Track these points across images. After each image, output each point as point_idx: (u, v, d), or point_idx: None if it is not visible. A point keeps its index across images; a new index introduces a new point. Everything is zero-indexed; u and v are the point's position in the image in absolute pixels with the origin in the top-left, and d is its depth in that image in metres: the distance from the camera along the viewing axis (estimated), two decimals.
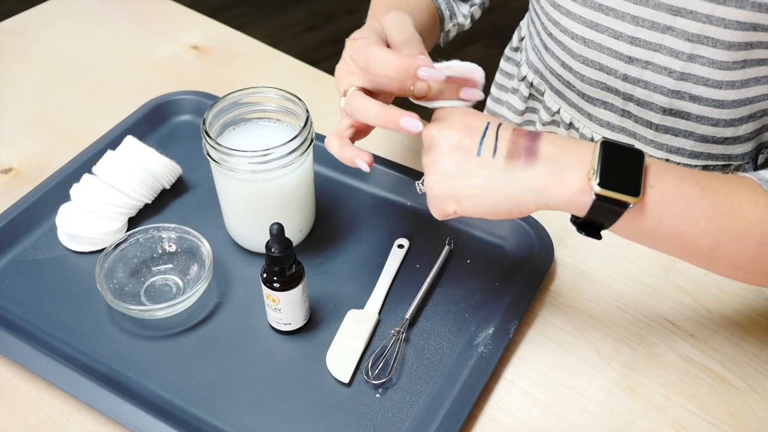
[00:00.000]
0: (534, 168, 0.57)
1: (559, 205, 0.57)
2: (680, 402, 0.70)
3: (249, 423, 0.68)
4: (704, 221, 0.57)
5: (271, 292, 0.70)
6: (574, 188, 0.56)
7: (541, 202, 0.58)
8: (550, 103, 0.91)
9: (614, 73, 0.80)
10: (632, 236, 0.60)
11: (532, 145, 0.58)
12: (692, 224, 0.57)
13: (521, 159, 0.58)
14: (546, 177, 0.57)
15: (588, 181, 0.56)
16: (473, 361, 0.70)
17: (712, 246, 0.58)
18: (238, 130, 0.79)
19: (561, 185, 0.56)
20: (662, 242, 0.59)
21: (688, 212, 0.57)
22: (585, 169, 0.56)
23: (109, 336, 0.74)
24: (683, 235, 0.58)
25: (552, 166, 0.57)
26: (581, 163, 0.56)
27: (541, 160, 0.57)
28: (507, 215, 0.59)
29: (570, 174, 0.56)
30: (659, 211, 0.56)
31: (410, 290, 0.77)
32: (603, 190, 0.55)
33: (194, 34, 1.14)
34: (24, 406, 0.69)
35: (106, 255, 0.76)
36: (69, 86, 1.05)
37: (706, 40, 0.73)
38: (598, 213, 0.57)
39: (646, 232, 0.58)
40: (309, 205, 0.81)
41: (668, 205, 0.56)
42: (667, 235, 0.58)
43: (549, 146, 0.58)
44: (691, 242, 0.58)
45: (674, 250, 0.60)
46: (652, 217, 0.57)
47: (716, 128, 0.80)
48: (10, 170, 0.92)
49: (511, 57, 1.01)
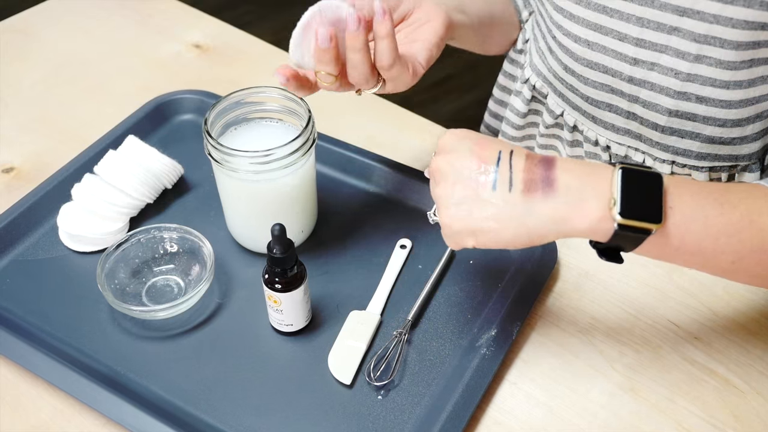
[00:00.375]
0: (553, 200, 0.56)
1: (580, 234, 0.57)
2: (684, 405, 0.70)
3: (250, 424, 0.67)
4: (725, 237, 0.57)
5: (272, 293, 0.70)
6: (595, 217, 0.56)
7: (562, 233, 0.57)
8: (553, 106, 0.91)
9: (619, 75, 0.79)
10: (654, 257, 0.59)
11: (548, 174, 0.57)
12: (713, 241, 0.57)
13: (539, 192, 0.57)
14: (566, 209, 0.56)
15: (609, 210, 0.55)
16: (476, 363, 0.70)
17: (734, 260, 0.58)
18: (240, 130, 0.78)
19: (581, 216, 0.56)
20: (684, 260, 0.59)
21: (708, 230, 0.56)
22: (604, 198, 0.56)
23: (110, 336, 0.74)
24: (705, 253, 0.57)
25: (571, 198, 0.56)
26: (600, 192, 0.56)
27: (559, 191, 0.56)
28: (527, 245, 0.59)
29: (589, 204, 0.56)
30: (681, 232, 0.56)
31: (412, 291, 0.77)
32: (624, 220, 0.55)
33: (196, 33, 1.14)
34: (24, 407, 0.69)
35: (107, 255, 0.76)
36: (70, 85, 1.04)
37: (713, 41, 0.73)
38: (620, 240, 0.56)
39: (669, 252, 0.58)
40: (311, 206, 0.80)
41: (689, 226, 0.56)
42: (689, 254, 0.58)
43: (566, 176, 0.57)
44: (712, 258, 0.58)
45: (696, 266, 0.60)
46: (674, 239, 0.56)
47: (723, 129, 0.79)
48: (11, 170, 0.92)
49: (515, 59, 1.00)
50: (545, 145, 0.96)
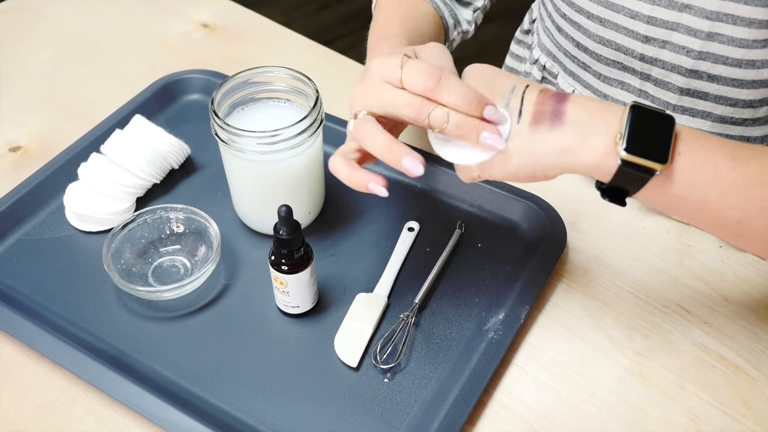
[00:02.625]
0: (559, 131, 0.55)
1: (583, 169, 0.56)
2: (694, 390, 0.69)
3: (256, 406, 0.67)
4: (734, 192, 0.55)
5: (279, 275, 0.69)
6: (599, 152, 0.54)
7: (565, 166, 0.56)
8: (564, 86, 0.90)
9: (631, 52, 0.78)
10: (658, 205, 0.58)
11: (559, 107, 0.56)
12: (721, 195, 0.55)
13: (546, 123, 0.56)
14: (571, 140, 0.55)
15: (614, 146, 0.54)
16: (483, 347, 0.69)
17: (740, 219, 0.56)
18: (247, 110, 0.78)
19: (585, 149, 0.55)
20: (689, 214, 0.57)
21: (717, 182, 0.55)
22: (612, 133, 0.54)
23: (116, 317, 0.74)
24: (711, 207, 0.56)
25: (578, 130, 0.55)
26: (608, 127, 0.55)
27: (566, 124, 0.55)
28: (530, 179, 0.58)
29: (596, 138, 0.55)
30: (687, 179, 0.55)
31: (420, 274, 0.76)
32: (629, 156, 0.53)
33: (205, 12, 1.13)
34: (30, 386, 0.69)
35: (113, 235, 0.76)
36: (78, 64, 1.04)
37: (725, 18, 0.71)
38: (624, 179, 0.55)
39: (673, 201, 0.56)
40: (318, 187, 0.80)
41: (697, 174, 0.54)
42: (695, 206, 0.56)
43: (576, 109, 0.56)
44: (718, 214, 0.56)
45: (701, 223, 0.59)
46: (679, 186, 0.55)
47: (735, 109, 0.78)
48: (18, 149, 0.91)
49: (522, 40, 0.99)
50: None
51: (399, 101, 0.57)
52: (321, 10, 2.69)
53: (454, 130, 0.57)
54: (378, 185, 0.59)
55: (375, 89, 0.58)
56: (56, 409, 0.68)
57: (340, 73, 1.02)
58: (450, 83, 0.56)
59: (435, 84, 0.56)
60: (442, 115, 0.56)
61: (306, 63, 1.01)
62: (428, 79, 0.56)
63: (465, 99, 0.56)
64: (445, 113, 0.56)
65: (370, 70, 0.59)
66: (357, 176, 0.60)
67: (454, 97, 0.56)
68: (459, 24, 0.85)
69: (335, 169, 0.61)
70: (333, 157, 0.62)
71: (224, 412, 0.67)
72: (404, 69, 0.57)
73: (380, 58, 0.59)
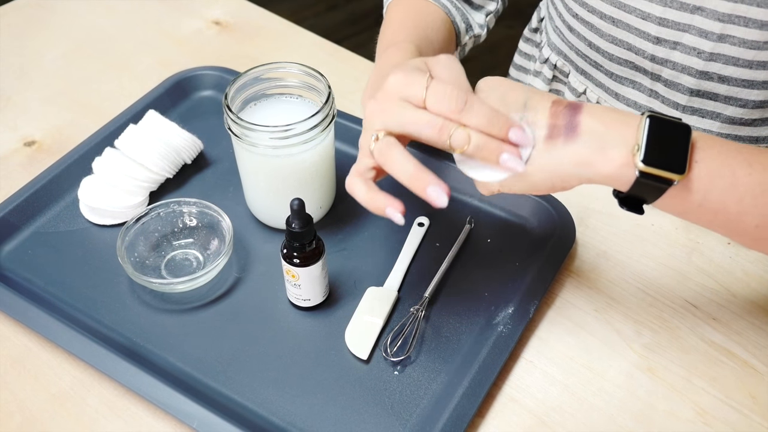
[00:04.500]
0: (575, 144, 0.56)
1: (601, 179, 0.56)
2: (701, 385, 0.69)
3: (267, 397, 0.68)
4: (751, 198, 0.55)
5: (290, 268, 0.70)
6: (617, 163, 0.55)
7: (584, 177, 0.57)
8: (575, 84, 0.90)
9: (642, 53, 0.79)
10: (676, 212, 0.58)
11: (573, 119, 0.56)
12: (738, 201, 0.55)
13: (561, 137, 0.56)
14: (588, 153, 0.55)
15: (631, 157, 0.54)
16: (492, 341, 0.70)
17: (758, 224, 0.56)
18: (260, 106, 0.78)
19: (603, 161, 0.55)
20: (707, 219, 0.58)
21: (734, 189, 0.55)
22: (629, 145, 0.55)
23: (129, 308, 0.74)
24: (729, 213, 0.56)
25: (594, 142, 0.55)
26: (625, 138, 0.55)
27: (582, 136, 0.56)
28: (550, 190, 0.58)
29: (612, 150, 0.55)
30: (705, 187, 0.55)
31: (430, 268, 0.77)
32: (646, 167, 0.54)
33: (217, 10, 1.13)
34: (45, 376, 0.70)
35: (127, 228, 0.77)
36: (92, 60, 1.05)
37: (737, 20, 0.72)
38: (641, 189, 0.55)
39: (691, 208, 0.57)
40: (330, 182, 0.81)
41: (714, 182, 0.55)
42: (713, 213, 0.57)
43: (591, 121, 0.56)
44: (736, 220, 0.57)
45: (719, 228, 0.59)
46: (697, 194, 0.55)
47: (744, 110, 0.78)
48: (33, 143, 0.92)
49: (531, 38, 0.99)
50: None
51: (421, 122, 0.56)
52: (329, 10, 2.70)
53: (475, 152, 0.56)
54: (396, 212, 0.58)
55: (395, 108, 0.57)
56: (70, 399, 0.69)
57: (350, 70, 1.02)
58: (476, 106, 0.56)
59: (461, 107, 0.56)
60: (464, 137, 0.56)
61: (317, 60, 1.02)
62: (455, 103, 0.56)
63: (490, 121, 0.56)
64: (467, 135, 0.56)
65: (388, 88, 0.58)
66: (376, 200, 0.58)
67: (478, 120, 0.56)
68: (471, 28, 0.85)
69: (353, 191, 0.60)
70: (350, 177, 0.60)
71: (236, 402, 0.67)
72: (429, 91, 0.56)
73: (399, 75, 0.58)
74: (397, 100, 0.57)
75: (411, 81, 0.57)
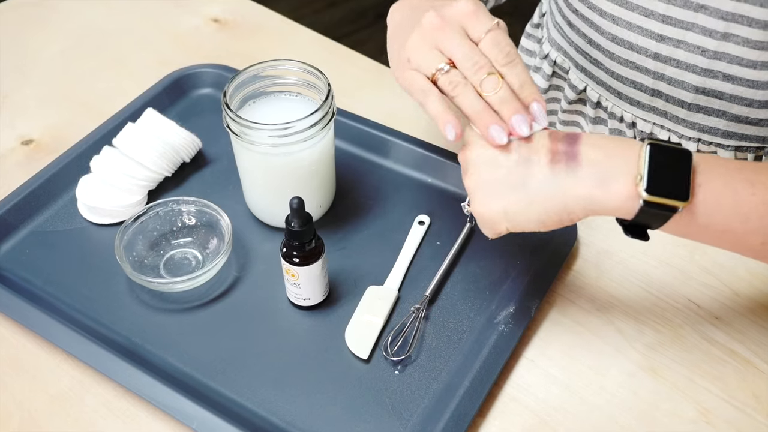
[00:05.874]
0: (577, 173, 0.56)
1: (606, 212, 0.57)
2: (704, 384, 0.69)
3: (267, 397, 0.67)
4: (756, 218, 0.56)
5: (290, 267, 0.69)
6: (622, 195, 0.55)
7: (589, 210, 0.57)
8: (575, 81, 0.90)
9: (644, 51, 0.78)
10: (681, 235, 0.59)
11: (571, 149, 0.57)
12: (743, 221, 0.56)
13: (562, 163, 0.56)
14: (592, 186, 0.56)
15: (634, 187, 0.55)
16: (493, 340, 0.69)
17: (764, 242, 0.57)
18: (259, 104, 0.78)
19: (607, 194, 0.55)
20: (712, 239, 0.58)
21: (738, 209, 0.55)
22: (631, 175, 0.55)
23: (128, 308, 0.74)
24: (734, 233, 0.56)
25: (597, 174, 0.56)
26: (627, 168, 0.55)
27: (583, 166, 0.56)
28: (557, 224, 0.58)
29: (616, 182, 0.55)
30: (709, 210, 0.55)
31: (430, 267, 0.76)
32: (650, 197, 0.54)
33: (215, 7, 1.13)
34: (43, 376, 0.70)
35: (125, 227, 0.76)
36: (89, 58, 1.04)
37: (740, 19, 0.71)
38: (646, 217, 0.56)
39: (696, 230, 0.57)
40: (329, 180, 0.80)
41: (719, 204, 0.55)
42: (718, 234, 0.57)
43: (590, 151, 0.57)
44: (742, 239, 0.57)
45: (726, 246, 0.59)
46: (702, 217, 0.55)
47: (750, 109, 0.78)
48: (30, 142, 0.92)
49: (532, 34, 0.99)
50: (567, 121, 0.95)
51: (466, 53, 0.59)
52: (329, 7, 2.69)
53: (496, 102, 0.58)
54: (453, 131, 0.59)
55: (454, 33, 0.60)
56: (69, 399, 0.68)
57: (350, 68, 1.02)
58: (519, 66, 0.59)
59: (509, 61, 0.58)
60: (496, 83, 0.58)
61: (316, 58, 1.00)
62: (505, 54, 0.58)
63: (523, 84, 0.58)
64: (499, 83, 0.58)
65: (458, 10, 0.60)
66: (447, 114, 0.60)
67: (516, 77, 0.58)
68: None
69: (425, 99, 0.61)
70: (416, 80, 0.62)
71: (235, 402, 0.67)
72: (491, 33, 0.59)
73: (472, 6, 0.60)
74: (458, 27, 0.60)
75: (479, 17, 0.60)
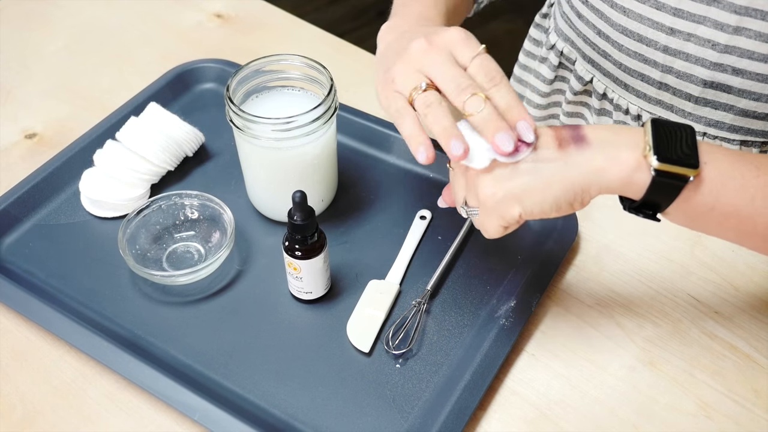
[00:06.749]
0: (588, 150, 0.56)
1: (618, 185, 0.57)
2: (703, 379, 0.69)
3: (268, 390, 0.68)
4: (761, 199, 0.56)
5: (292, 260, 0.70)
6: (631, 166, 0.55)
7: (603, 186, 0.57)
8: (582, 72, 0.90)
9: (654, 44, 0.78)
10: (687, 218, 0.58)
11: (577, 133, 0.57)
12: (749, 202, 0.56)
13: (572, 145, 0.57)
14: (603, 159, 0.56)
15: (644, 159, 0.55)
16: (494, 334, 0.70)
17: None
18: (262, 98, 0.78)
19: (618, 165, 0.56)
20: (718, 223, 0.58)
21: (744, 190, 0.56)
22: (639, 147, 0.55)
23: (131, 301, 0.74)
24: (740, 215, 0.56)
25: (606, 147, 0.56)
26: (635, 142, 0.56)
27: (593, 144, 0.56)
28: (570, 208, 0.58)
29: (625, 153, 0.56)
30: (716, 188, 0.56)
31: (432, 262, 0.77)
32: (662, 165, 0.54)
33: (218, 3, 1.13)
34: (47, 368, 0.70)
35: (128, 221, 0.77)
36: (93, 53, 1.04)
37: (754, 13, 0.71)
38: (657, 191, 0.56)
39: (703, 212, 0.57)
40: (331, 175, 0.80)
41: (725, 183, 0.56)
42: (724, 215, 0.57)
43: (596, 131, 0.57)
44: (747, 222, 0.57)
45: (729, 232, 0.59)
46: (709, 196, 0.56)
47: (758, 103, 0.77)
48: (34, 135, 0.92)
49: (540, 24, 0.99)
50: (572, 112, 0.95)
51: (453, 76, 0.59)
52: (331, 4, 2.69)
53: (480, 122, 0.58)
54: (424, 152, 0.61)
55: (441, 58, 0.61)
56: (72, 391, 0.69)
57: (353, 63, 1.02)
58: (506, 88, 0.59)
59: (496, 83, 0.59)
60: (480, 103, 0.58)
61: (319, 53, 1.01)
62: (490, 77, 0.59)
63: (509, 105, 0.58)
64: (483, 103, 0.57)
65: (446, 38, 0.62)
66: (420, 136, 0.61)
67: (502, 98, 0.58)
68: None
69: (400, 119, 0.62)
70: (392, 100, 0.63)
71: (238, 395, 0.67)
72: (478, 58, 0.60)
73: (461, 34, 0.62)
74: (447, 53, 0.61)
75: (468, 44, 0.61)
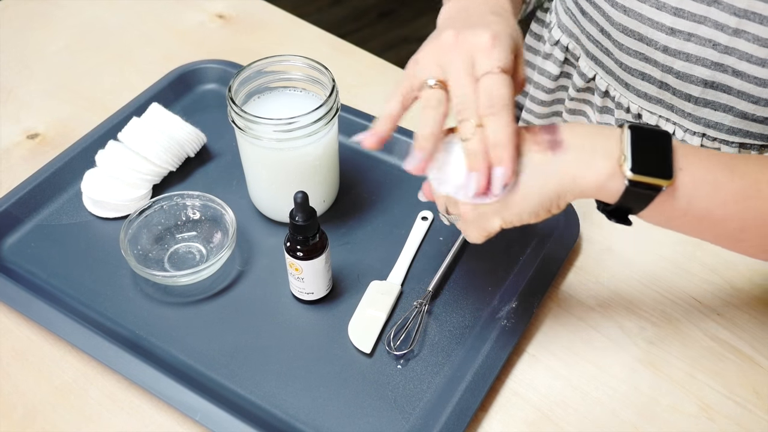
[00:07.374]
0: (564, 156, 0.56)
1: (593, 192, 0.57)
2: (705, 380, 0.69)
3: (270, 391, 0.68)
4: (733, 204, 0.56)
5: (294, 261, 0.70)
6: (606, 174, 0.55)
7: (578, 192, 0.57)
8: (585, 69, 0.89)
9: (654, 44, 0.78)
10: (661, 221, 0.59)
11: (553, 137, 0.57)
12: (721, 206, 0.56)
13: (548, 151, 0.57)
14: (578, 166, 0.56)
15: (618, 168, 0.55)
16: (496, 335, 0.70)
17: (741, 228, 0.58)
18: (264, 99, 0.78)
19: (593, 172, 0.56)
20: (691, 226, 0.59)
21: (717, 195, 0.56)
22: (614, 156, 0.56)
23: (132, 301, 0.74)
24: (713, 218, 0.57)
25: (582, 154, 0.56)
26: (610, 150, 0.56)
27: (568, 150, 0.56)
28: (547, 213, 0.58)
29: (600, 161, 0.56)
30: (689, 194, 0.56)
31: (433, 263, 0.77)
32: (635, 176, 0.54)
33: (220, 3, 1.13)
34: (48, 368, 0.70)
35: (130, 221, 0.77)
36: (95, 53, 1.05)
37: (753, 16, 0.71)
38: (630, 198, 0.56)
39: (676, 216, 0.58)
40: (333, 176, 0.80)
41: (698, 188, 0.56)
42: (697, 219, 0.57)
43: (572, 136, 0.57)
44: (720, 225, 0.58)
45: (702, 234, 0.60)
46: (682, 201, 0.56)
47: (756, 106, 0.77)
48: (36, 136, 0.92)
49: (541, 18, 0.99)
50: (574, 109, 0.95)
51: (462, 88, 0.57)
52: (332, 5, 2.70)
53: (464, 148, 0.57)
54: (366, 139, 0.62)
55: (461, 59, 0.57)
56: (73, 391, 0.69)
57: (354, 64, 1.02)
58: (503, 122, 0.56)
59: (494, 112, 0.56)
60: (471, 131, 0.56)
61: (320, 54, 1.01)
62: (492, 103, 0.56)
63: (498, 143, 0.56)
64: (474, 133, 0.56)
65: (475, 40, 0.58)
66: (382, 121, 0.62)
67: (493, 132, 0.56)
68: None
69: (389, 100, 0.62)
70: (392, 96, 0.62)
71: (239, 395, 0.67)
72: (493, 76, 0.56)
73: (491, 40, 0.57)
74: (468, 57, 0.57)
75: (489, 54, 0.57)
